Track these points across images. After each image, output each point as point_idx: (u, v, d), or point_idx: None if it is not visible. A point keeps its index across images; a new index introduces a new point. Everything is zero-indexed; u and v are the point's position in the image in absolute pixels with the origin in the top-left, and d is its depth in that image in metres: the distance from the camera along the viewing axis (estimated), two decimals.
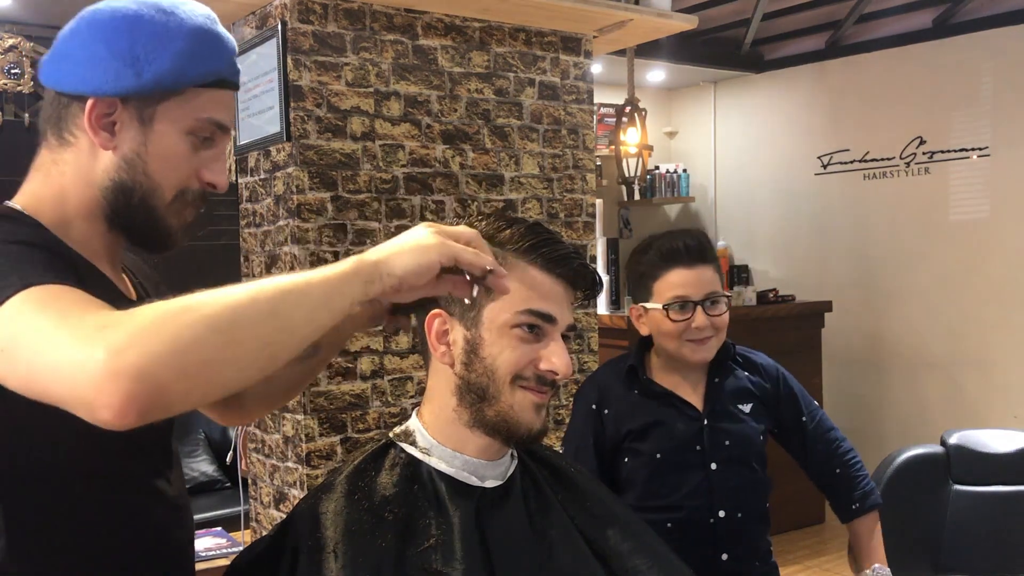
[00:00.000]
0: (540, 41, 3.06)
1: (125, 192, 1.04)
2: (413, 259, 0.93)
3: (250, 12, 2.78)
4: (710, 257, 1.73)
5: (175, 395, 0.77)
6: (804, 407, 1.87)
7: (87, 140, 1.04)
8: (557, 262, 1.13)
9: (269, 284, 0.85)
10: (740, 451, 1.76)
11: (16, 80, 4.11)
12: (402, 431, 1.20)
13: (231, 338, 0.80)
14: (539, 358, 1.12)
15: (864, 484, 1.88)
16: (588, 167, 3.20)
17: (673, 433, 1.74)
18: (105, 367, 0.75)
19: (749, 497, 1.77)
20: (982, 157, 4.61)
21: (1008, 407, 4.49)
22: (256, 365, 0.83)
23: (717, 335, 1.72)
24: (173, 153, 1.04)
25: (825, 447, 1.87)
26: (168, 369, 0.76)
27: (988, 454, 2.32)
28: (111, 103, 1.01)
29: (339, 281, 0.89)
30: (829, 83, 5.28)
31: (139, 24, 1.00)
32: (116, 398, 0.75)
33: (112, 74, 1.00)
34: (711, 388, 1.79)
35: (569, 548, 1.18)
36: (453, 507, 1.12)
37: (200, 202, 1.09)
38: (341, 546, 1.06)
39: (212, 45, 1.04)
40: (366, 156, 2.71)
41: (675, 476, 1.73)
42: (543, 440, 1.21)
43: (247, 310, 0.82)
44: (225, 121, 1.07)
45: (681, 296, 1.70)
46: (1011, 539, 2.26)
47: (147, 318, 0.79)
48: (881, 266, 5.02)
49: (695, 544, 1.72)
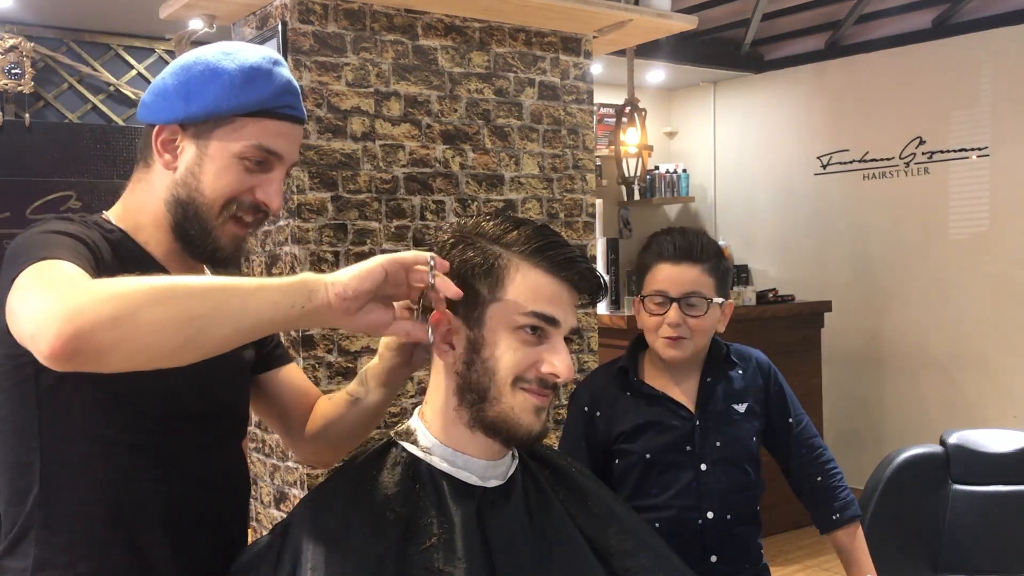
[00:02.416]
0: (540, 41, 3.06)
1: (182, 206, 1.20)
2: (356, 268, 1.02)
3: (250, 12, 2.79)
4: (700, 257, 1.71)
5: (103, 342, 0.89)
6: (791, 409, 1.86)
7: (160, 163, 1.21)
8: (562, 265, 1.13)
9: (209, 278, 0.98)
10: (731, 452, 1.76)
11: (16, 80, 4.11)
12: (403, 430, 1.20)
13: (161, 303, 0.91)
14: (541, 360, 1.12)
15: (844, 495, 1.86)
16: (588, 167, 3.20)
17: (663, 433, 1.74)
18: (52, 310, 0.90)
19: (739, 499, 1.76)
20: (982, 157, 4.61)
21: (1008, 407, 4.49)
22: (183, 333, 0.92)
23: (693, 337, 1.71)
24: (223, 172, 1.19)
25: (808, 452, 1.86)
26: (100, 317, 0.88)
27: (988, 454, 2.31)
28: (173, 130, 1.19)
29: (284, 284, 0.99)
30: (829, 83, 5.28)
31: (198, 64, 1.19)
32: (53, 336, 0.88)
33: (171, 105, 1.19)
34: (704, 388, 1.78)
35: (570, 547, 1.18)
36: (454, 506, 1.12)
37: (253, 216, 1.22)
38: (342, 545, 1.06)
39: (259, 79, 1.18)
40: (366, 156, 2.72)
41: (665, 476, 1.73)
42: (543, 441, 1.21)
43: (183, 288, 0.94)
44: (275, 148, 1.20)
45: (659, 291, 1.71)
46: (1011, 539, 2.26)
47: (108, 283, 0.92)
48: (881, 266, 5.02)
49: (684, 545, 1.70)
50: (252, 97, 1.18)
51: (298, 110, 1.23)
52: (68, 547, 1.13)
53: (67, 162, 4.23)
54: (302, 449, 1.43)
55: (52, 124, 4.25)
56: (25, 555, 1.13)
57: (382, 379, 1.30)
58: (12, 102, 4.15)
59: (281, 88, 1.20)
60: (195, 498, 1.21)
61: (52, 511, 1.13)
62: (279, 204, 1.22)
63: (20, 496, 1.14)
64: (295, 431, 1.41)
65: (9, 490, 1.15)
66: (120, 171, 4.35)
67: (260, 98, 1.18)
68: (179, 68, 1.20)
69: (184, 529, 1.19)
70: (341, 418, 1.35)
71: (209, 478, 1.23)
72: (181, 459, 1.20)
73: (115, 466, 1.14)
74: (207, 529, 1.23)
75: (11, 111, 4.14)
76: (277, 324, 1.00)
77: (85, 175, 4.27)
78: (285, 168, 1.23)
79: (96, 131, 4.32)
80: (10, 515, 1.15)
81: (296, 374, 1.44)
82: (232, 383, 1.30)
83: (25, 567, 1.13)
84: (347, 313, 1.02)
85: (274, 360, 1.41)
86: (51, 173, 4.20)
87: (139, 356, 0.93)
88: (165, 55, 4.50)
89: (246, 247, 1.27)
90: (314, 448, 1.41)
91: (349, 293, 1.00)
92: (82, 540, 1.13)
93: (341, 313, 1.01)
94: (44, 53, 4.21)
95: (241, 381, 1.33)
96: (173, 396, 1.17)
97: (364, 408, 1.33)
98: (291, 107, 1.21)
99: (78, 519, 1.13)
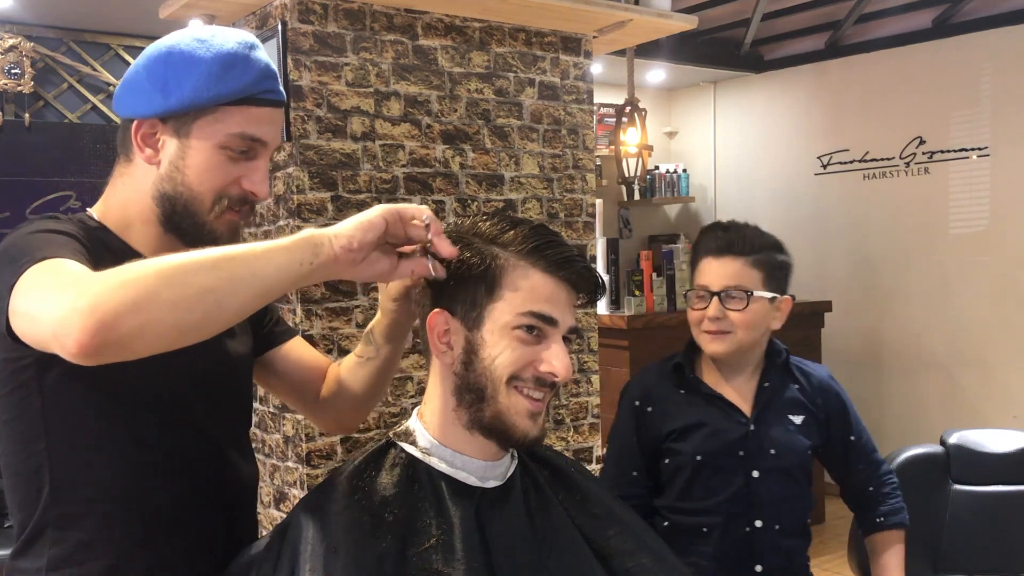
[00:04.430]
0: (540, 41, 3.06)
1: (169, 200, 1.18)
2: (357, 220, 1.03)
3: (250, 12, 2.79)
4: (743, 250, 1.68)
5: (128, 329, 0.89)
6: (854, 426, 1.82)
7: (141, 157, 1.19)
8: (560, 264, 1.13)
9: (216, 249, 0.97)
10: (785, 462, 1.71)
11: (16, 80, 4.11)
12: (402, 431, 1.20)
13: (175, 283, 0.92)
14: (539, 360, 1.12)
15: (894, 502, 1.83)
16: (588, 167, 3.20)
17: (715, 436, 1.70)
18: (71, 307, 0.89)
19: (789, 509, 1.72)
20: (982, 157, 4.61)
21: (1008, 407, 4.49)
22: (201, 307, 0.93)
23: (736, 332, 1.67)
24: (208, 165, 1.17)
25: (866, 467, 1.83)
26: (122, 306, 0.89)
27: (988, 454, 2.31)
28: (153, 123, 1.17)
29: (289, 244, 0.99)
30: (829, 83, 5.28)
31: (172, 54, 1.15)
32: (78, 331, 0.88)
33: (148, 98, 1.16)
34: (761, 393, 1.74)
35: (569, 548, 1.18)
36: (453, 507, 1.12)
37: (243, 207, 1.21)
38: (342, 546, 1.06)
39: (237, 67, 1.15)
40: (366, 156, 2.72)
41: (714, 480, 1.69)
42: (540, 445, 1.21)
43: (192, 264, 0.94)
44: (258, 135, 1.18)
45: (702, 285, 1.69)
46: (1011, 539, 2.26)
47: (116, 272, 0.92)
48: (881, 266, 5.02)
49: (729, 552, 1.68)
50: (232, 86, 1.15)
51: (278, 93, 1.21)
52: (82, 546, 1.13)
53: (67, 162, 4.23)
54: (323, 418, 1.45)
55: (52, 124, 4.25)
56: (39, 555, 1.14)
57: (387, 334, 1.31)
58: (12, 102, 4.15)
59: (260, 74, 1.17)
60: (205, 493, 1.21)
61: (64, 511, 1.14)
62: (267, 191, 1.21)
63: (31, 498, 1.14)
64: (311, 402, 1.42)
65: (20, 494, 1.16)
66: None
67: (240, 86, 1.15)
68: (152, 59, 1.16)
69: (196, 524, 1.20)
70: (355, 380, 1.37)
71: (218, 472, 1.24)
72: (188, 455, 1.20)
73: (123, 465, 1.15)
74: (219, 524, 1.23)
75: (11, 111, 4.14)
76: (287, 284, 1.00)
77: (85, 175, 4.27)
78: (269, 153, 1.22)
79: (96, 131, 4.32)
80: (22, 518, 1.16)
81: (301, 348, 1.44)
82: (231, 375, 1.30)
83: (40, 567, 1.13)
84: (353, 264, 1.03)
85: (275, 338, 1.41)
86: (51, 173, 4.20)
87: (165, 337, 0.93)
88: None
89: (243, 230, 1.27)
90: (335, 414, 1.42)
91: (355, 245, 1.01)
92: (95, 539, 1.14)
93: (347, 264, 1.02)
94: (44, 53, 4.21)
95: (241, 371, 1.33)
96: (173, 393, 1.17)
97: (376, 367, 1.35)
98: (271, 91, 1.19)
99: (90, 518, 1.14)
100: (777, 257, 1.73)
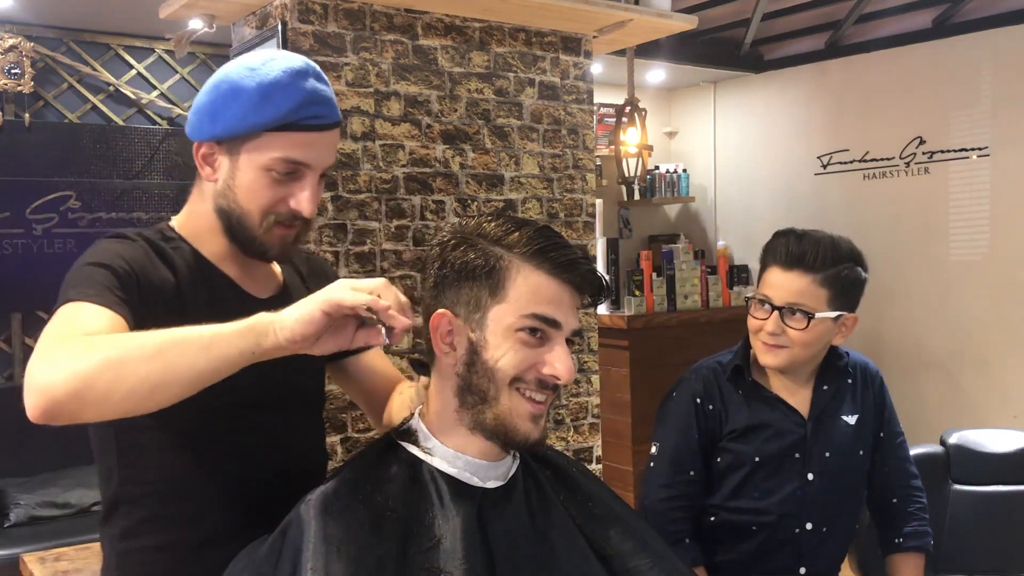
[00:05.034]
0: (540, 41, 3.06)
1: (225, 215, 1.30)
2: (298, 311, 1.07)
3: (250, 12, 2.78)
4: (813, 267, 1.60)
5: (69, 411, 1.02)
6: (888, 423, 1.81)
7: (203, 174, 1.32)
8: (565, 267, 1.12)
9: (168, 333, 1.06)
10: (839, 464, 1.70)
11: (16, 80, 4.11)
12: (404, 430, 1.20)
13: (116, 373, 1.02)
14: (542, 362, 1.11)
15: (919, 525, 1.80)
16: (588, 167, 3.20)
17: (775, 438, 1.68)
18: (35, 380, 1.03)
19: (839, 513, 1.71)
20: (982, 157, 4.61)
21: (1008, 407, 4.49)
22: (137, 395, 1.03)
23: (792, 348, 1.63)
24: (255, 186, 1.27)
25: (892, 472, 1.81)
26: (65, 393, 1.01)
27: (988, 454, 2.31)
28: (211, 145, 1.29)
29: (232, 334, 1.05)
30: (829, 83, 5.27)
31: (222, 82, 1.26)
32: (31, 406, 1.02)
33: (201, 123, 1.28)
34: (818, 396, 1.72)
35: (570, 548, 1.17)
36: (455, 507, 1.12)
37: (294, 222, 1.30)
38: (343, 546, 1.06)
39: (275, 95, 1.23)
40: (366, 156, 2.72)
41: (770, 481, 1.68)
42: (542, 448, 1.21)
43: (134, 352, 1.03)
44: (300, 159, 1.26)
45: (764, 295, 1.65)
46: (1011, 539, 2.26)
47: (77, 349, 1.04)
48: (881, 266, 5.02)
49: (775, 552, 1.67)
50: (270, 114, 1.23)
51: (323, 118, 1.27)
52: (144, 521, 1.29)
53: (67, 162, 4.22)
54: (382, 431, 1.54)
55: (52, 124, 4.25)
56: (115, 525, 1.32)
57: None
58: (12, 102, 4.15)
59: (302, 100, 1.24)
60: (255, 479, 1.31)
61: (130, 490, 1.30)
62: (312, 210, 1.29)
63: (109, 476, 1.31)
64: (376, 414, 1.52)
65: (102, 471, 1.33)
66: (120, 171, 4.35)
67: (280, 113, 1.23)
68: (211, 86, 1.28)
69: (245, 508, 1.29)
70: None
71: (271, 460, 1.33)
72: (241, 443, 1.31)
73: (177, 451, 1.28)
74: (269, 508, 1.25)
75: (11, 111, 4.14)
76: (227, 370, 1.07)
77: (85, 175, 4.27)
78: (317, 174, 1.29)
79: (96, 131, 4.32)
80: (104, 492, 1.34)
81: (376, 360, 1.53)
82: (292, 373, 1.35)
83: (114, 535, 1.32)
84: (303, 349, 1.09)
85: None
86: (51, 173, 4.19)
87: (106, 415, 1.05)
88: (165, 55, 4.49)
89: (299, 244, 1.36)
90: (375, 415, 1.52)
91: (297, 338, 1.06)
92: (154, 516, 1.29)
93: (297, 350, 1.08)
94: (44, 53, 4.21)
95: (305, 370, 1.39)
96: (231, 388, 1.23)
97: None
98: (314, 117, 1.25)
99: (150, 498, 1.29)
100: (849, 273, 1.64)
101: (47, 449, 3.81)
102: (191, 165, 1.34)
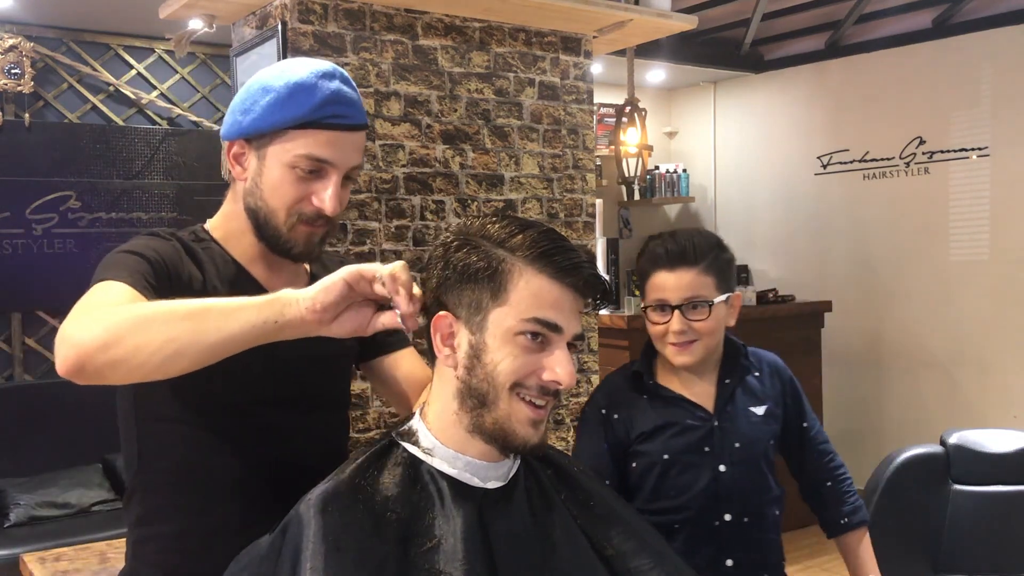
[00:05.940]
0: (540, 41, 3.06)
1: (253, 212, 1.35)
2: (321, 283, 1.11)
3: (250, 12, 2.78)
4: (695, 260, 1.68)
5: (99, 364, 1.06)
6: (807, 413, 1.85)
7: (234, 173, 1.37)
8: (567, 271, 1.12)
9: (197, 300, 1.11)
10: (750, 454, 1.74)
11: (16, 80, 4.11)
12: (405, 430, 1.20)
13: (145, 331, 1.07)
14: (543, 367, 1.11)
15: (853, 500, 1.86)
16: (588, 167, 3.20)
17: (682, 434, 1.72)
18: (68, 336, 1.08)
19: (756, 501, 1.75)
20: (982, 157, 4.61)
21: (1008, 407, 4.50)
22: (162, 354, 1.07)
23: (702, 339, 1.69)
24: (279, 183, 1.31)
25: (819, 457, 1.86)
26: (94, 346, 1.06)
27: (988, 454, 2.32)
28: (241, 144, 1.34)
29: (260, 303, 1.10)
30: (829, 83, 5.28)
31: (255, 83, 1.33)
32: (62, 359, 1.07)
33: (234, 121, 1.34)
34: (722, 390, 1.77)
35: (572, 548, 1.17)
36: (455, 508, 1.11)
37: (319, 220, 1.33)
38: (343, 545, 1.06)
39: (300, 94, 1.28)
40: (366, 156, 2.72)
41: (683, 477, 1.72)
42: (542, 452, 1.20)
43: (164, 314, 1.09)
44: (324, 156, 1.30)
45: (659, 299, 1.69)
46: (1011, 539, 2.26)
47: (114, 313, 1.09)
48: (881, 266, 5.02)
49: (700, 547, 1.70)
50: (295, 111, 1.28)
51: (347, 118, 1.31)
52: (157, 509, 1.35)
53: (67, 162, 4.22)
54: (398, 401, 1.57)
55: (52, 124, 4.25)
56: (132, 511, 1.38)
57: None
58: (12, 102, 4.15)
59: (324, 100, 1.29)
60: (265, 475, 1.34)
61: (147, 479, 1.36)
62: (334, 208, 1.32)
63: (131, 463, 1.37)
64: None
65: (126, 457, 1.39)
66: (119, 171, 4.35)
67: (303, 111, 1.28)
68: (244, 88, 1.34)
69: (253, 503, 1.32)
70: None
71: (283, 457, 1.35)
72: (254, 440, 1.34)
73: (191, 445, 1.32)
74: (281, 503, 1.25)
75: (11, 111, 4.14)
76: (251, 339, 1.10)
77: (85, 175, 4.27)
78: (341, 173, 1.32)
79: (96, 131, 4.32)
80: (127, 477, 1.40)
81: (408, 361, 1.55)
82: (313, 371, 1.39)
83: (132, 520, 1.38)
84: (322, 323, 1.11)
85: (384, 347, 1.54)
86: (51, 173, 4.19)
87: (133, 374, 1.08)
88: (165, 55, 4.49)
89: (325, 244, 1.39)
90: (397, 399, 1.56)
91: (317, 306, 1.09)
92: (166, 504, 1.34)
93: (316, 324, 1.11)
94: (44, 53, 4.21)
95: (327, 368, 1.44)
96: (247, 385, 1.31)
97: None
98: (337, 116, 1.30)
99: (163, 487, 1.34)
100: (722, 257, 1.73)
101: (47, 449, 3.81)
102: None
